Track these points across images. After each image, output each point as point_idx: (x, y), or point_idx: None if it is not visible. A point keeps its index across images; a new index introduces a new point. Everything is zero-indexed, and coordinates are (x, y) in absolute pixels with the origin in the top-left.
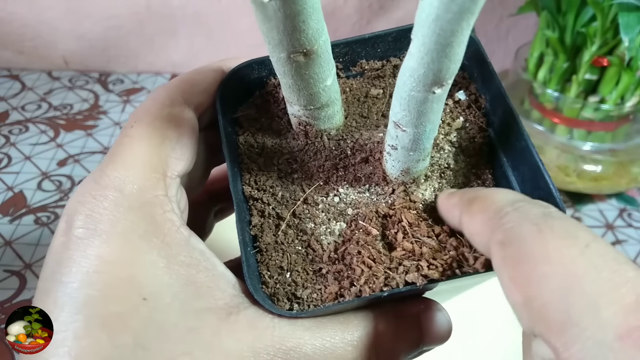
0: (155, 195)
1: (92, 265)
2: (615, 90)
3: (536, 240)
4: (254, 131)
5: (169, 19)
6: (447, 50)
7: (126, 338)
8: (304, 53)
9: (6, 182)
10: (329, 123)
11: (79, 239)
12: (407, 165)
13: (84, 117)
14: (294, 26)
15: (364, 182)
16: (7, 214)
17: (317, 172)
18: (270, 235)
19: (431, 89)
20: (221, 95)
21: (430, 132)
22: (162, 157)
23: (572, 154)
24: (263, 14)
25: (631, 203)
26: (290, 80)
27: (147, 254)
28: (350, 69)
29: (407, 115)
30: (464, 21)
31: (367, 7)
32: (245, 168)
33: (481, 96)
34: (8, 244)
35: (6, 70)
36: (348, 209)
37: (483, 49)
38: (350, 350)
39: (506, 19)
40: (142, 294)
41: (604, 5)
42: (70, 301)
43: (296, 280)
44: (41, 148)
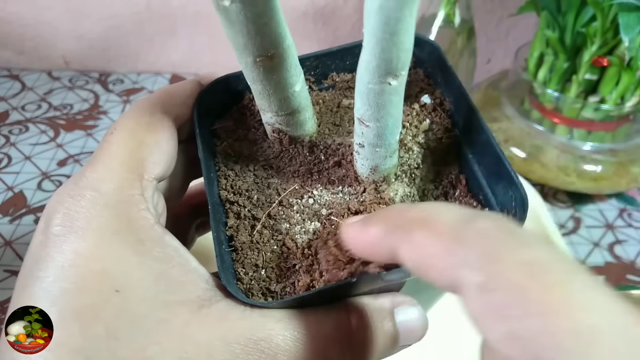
0: (130, 194)
1: (67, 259)
2: (615, 90)
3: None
4: (231, 142)
5: (169, 19)
6: (394, 39)
7: (98, 329)
8: (269, 57)
9: (6, 182)
10: (302, 130)
11: (56, 236)
12: (375, 162)
13: (84, 117)
14: (257, 29)
15: (337, 184)
16: (7, 214)
17: (293, 177)
18: (245, 235)
19: (386, 80)
20: (199, 107)
21: (392, 126)
22: (139, 159)
23: (572, 154)
24: (227, 19)
25: (631, 203)
26: (260, 86)
27: (121, 248)
28: (322, 82)
29: (368, 110)
30: (406, 8)
31: None
32: (222, 175)
33: (445, 99)
34: (8, 244)
35: (6, 70)
36: (322, 209)
37: (444, 55)
38: (322, 343)
39: (506, 19)
40: (115, 286)
41: (604, 5)
42: (45, 295)
43: (270, 276)
44: (41, 148)
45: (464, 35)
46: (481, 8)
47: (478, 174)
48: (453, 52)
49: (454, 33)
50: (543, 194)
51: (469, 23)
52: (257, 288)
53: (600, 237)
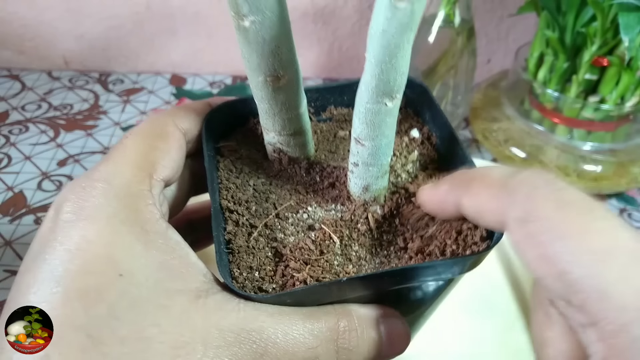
0: (140, 189)
1: (74, 243)
2: (615, 90)
3: (559, 217)
4: (234, 159)
5: (169, 19)
6: (393, 62)
7: (100, 309)
8: (278, 78)
9: (6, 182)
10: (301, 152)
11: (65, 222)
12: (367, 181)
13: (84, 117)
14: (270, 51)
15: (330, 202)
16: (7, 214)
17: (289, 194)
18: (242, 240)
19: (383, 100)
20: (207, 125)
21: (385, 147)
22: (150, 161)
23: (572, 154)
24: (245, 38)
25: (631, 203)
26: (267, 105)
27: (127, 236)
28: (321, 114)
29: (365, 129)
30: (405, 35)
31: (367, 8)
32: (224, 187)
33: (432, 134)
34: (8, 244)
35: (6, 70)
36: (315, 224)
37: (432, 94)
38: (310, 339)
39: (506, 19)
40: (119, 270)
41: (604, 5)
42: (51, 275)
43: (264, 277)
44: (41, 148)
45: (464, 35)
46: (481, 8)
47: None
48: (453, 52)
49: (454, 33)
50: None
51: (469, 23)
52: (250, 287)
53: None
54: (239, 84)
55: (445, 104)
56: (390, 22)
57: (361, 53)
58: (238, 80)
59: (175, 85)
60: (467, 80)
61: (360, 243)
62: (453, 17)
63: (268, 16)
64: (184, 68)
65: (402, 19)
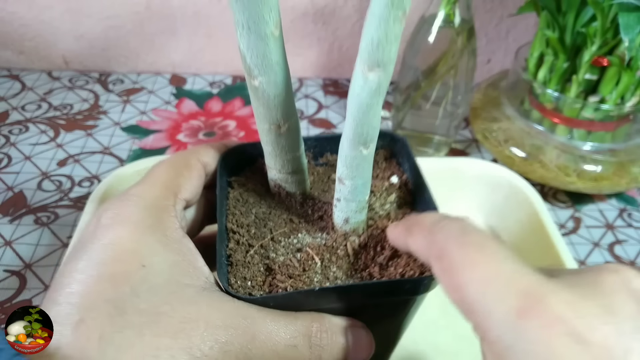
0: (165, 204)
1: (109, 240)
2: (615, 90)
3: (459, 254)
4: (242, 191)
5: (169, 19)
6: (366, 119)
7: (126, 288)
8: (280, 126)
9: (6, 182)
10: (297, 188)
11: (103, 226)
12: (348, 214)
13: (84, 117)
14: (274, 104)
15: (317, 231)
16: (7, 213)
17: (284, 222)
18: (241, 255)
19: (359, 149)
20: (222, 161)
21: (362, 186)
22: (176, 183)
23: (572, 154)
24: (255, 94)
25: (631, 203)
26: (270, 148)
27: (150, 238)
28: (318, 159)
29: (345, 171)
30: (375, 98)
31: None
32: (231, 213)
33: (409, 181)
34: (8, 244)
35: (6, 70)
36: (303, 248)
37: (410, 148)
38: (290, 331)
39: (506, 19)
40: (142, 262)
41: (604, 5)
42: (88, 262)
43: (255, 287)
44: (41, 148)
45: (464, 35)
46: (481, 8)
47: None
48: (453, 52)
49: (454, 33)
50: (543, 194)
51: (469, 23)
52: (242, 292)
53: (600, 237)
54: (238, 84)
55: (446, 103)
56: (363, 88)
57: None
58: (238, 80)
59: (175, 85)
60: (467, 80)
61: (338, 265)
62: (453, 17)
63: (273, 78)
64: (184, 68)
65: (371, 86)
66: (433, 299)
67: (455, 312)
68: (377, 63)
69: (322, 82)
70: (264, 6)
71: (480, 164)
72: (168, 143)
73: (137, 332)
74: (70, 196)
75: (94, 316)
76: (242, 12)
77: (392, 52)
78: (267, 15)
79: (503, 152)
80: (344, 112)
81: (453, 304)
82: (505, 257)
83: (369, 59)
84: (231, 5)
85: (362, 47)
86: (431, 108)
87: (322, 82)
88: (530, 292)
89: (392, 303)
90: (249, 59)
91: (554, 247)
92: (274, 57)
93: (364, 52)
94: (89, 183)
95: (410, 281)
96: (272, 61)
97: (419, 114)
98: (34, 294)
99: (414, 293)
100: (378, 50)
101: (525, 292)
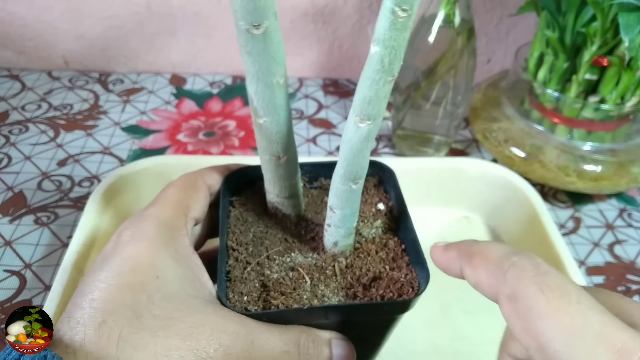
0: (177, 223)
1: (128, 254)
2: (615, 90)
3: (539, 298)
4: (242, 210)
5: (169, 19)
6: (356, 160)
7: (143, 296)
8: (279, 157)
9: (6, 182)
10: (292, 210)
11: (123, 242)
12: (337, 239)
13: (84, 117)
14: (276, 140)
15: (309, 251)
16: (7, 213)
17: (279, 241)
18: (239, 272)
19: (349, 184)
20: (225, 183)
21: (350, 215)
22: (186, 204)
23: (572, 154)
24: (259, 130)
25: (631, 203)
26: (270, 175)
27: (164, 253)
28: (313, 183)
29: (336, 201)
30: (364, 143)
31: (367, 7)
32: (231, 231)
33: (394, 208)
34: (8, 244)
35: (6, 70)
36: (295, 266)
37: (396, 178)
38: (278, 344)
39: (506, 19)
40: (156, 274)
41: (604, 5)
42: (110, 273)
43: (250, 302)
44: (41, 148)
45: (464, 35)
46: (481, 8)
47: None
48: (453, 52)
49: (454, 33)
50: (543, 194)
51: (469, 23)
52: (239, 307)
53: (600, 237)
54: (238, 84)
55: (445, 103)
56: (354, 134)
57: (361, 53)
58: (238, 80)
59: (175, 85)
60: (467, 80)
61: (325, 284)
62: (453, 17)
63: (276, 118)
64: (184, 68)
65: (362, 134)
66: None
67: (454, 313)
68: (367, 117)
69: (322, 82)
70: (272, 61)
71: (480, 164)
72: (168, 143)
73: (152, 333)
74: (70, 196)
75: (115, 319)
76: (252, 65)
77: (381, 108)
78: (274, 68)
79: (503, 152)
80: (344, 112)
81: (525, 348)
82: (591, 307)
83: (361, 112)
84: (243, 57)
85: (355, 102)
86: (431, 108)
87: (322, 82)
88: (626, 349)
89: (373, 321)
90: (256, 102)
91: (553, 247)
92: (277, 101)
93: (357, 106)
94: (89, 183)
95: (389, 304)
96: (276, 104)
97: (419, 113)
98: (34, 294)
99: (392, 314)
100: (369, 106)
101: (620, 349)
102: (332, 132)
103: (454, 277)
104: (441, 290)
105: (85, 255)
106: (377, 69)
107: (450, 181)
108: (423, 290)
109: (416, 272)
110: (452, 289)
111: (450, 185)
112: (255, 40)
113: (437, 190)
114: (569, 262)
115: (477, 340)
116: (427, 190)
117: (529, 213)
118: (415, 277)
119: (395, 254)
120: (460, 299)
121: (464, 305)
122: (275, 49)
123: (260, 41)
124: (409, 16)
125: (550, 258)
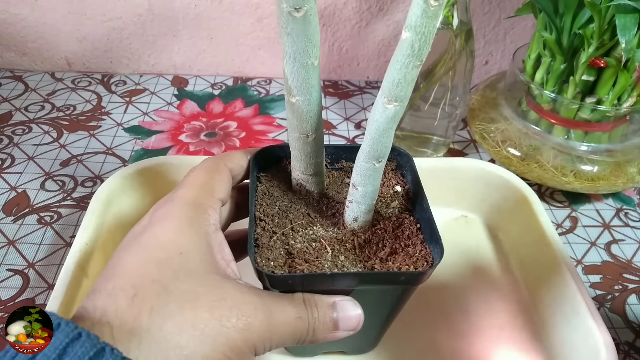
0: (203, 203)
1: (156, 232)
2: (612, 92)
3: None
4: (268, 186)
5: (171, 21)
6: (381, 139)
7: (168, 271)
8: (308, 135)
9: (9, 182)
10: (316, 187)
11: (153, 221)
12: (357, 214)
13: (86, 118)
14: (306, 118)
15: (330, 226)
16: (11, 213)
17: (302, 215)
18: (266, 240)
19: (372, 162)
20: (254, 160)
21: (372, 192)
22: (211, 185)
23: (569, 154)
24: (291, 109)
25: (628, 203)
26: (297, 152)
27: (188, 230)
28: (335, 164)
29: (359, 178)
30: (390, 124)
31: (366, 10)
32: (258, 204)
33: (410, 191)
34: (11, 243)
35: (9, 71)
36: (317, 238)
37: (414, 162)
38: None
39: (504, 21)
40: (180, 250)
41: (601, 7)
42: (138, 249)
43: (276, 267)
44: (44, 148)
45: (462, 37)
46: (479, 10)
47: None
48: (451, 54)
49: (453, 35)
50: (540, 194)
51: (467, 25)
52: (267, 270)
53: (597, 237)
54: (239, 85)
55: (444, 104)
56: (382, 115)
57: (361, 54)
58: (239, 81)
59: (177, 87)
60: (465, 82)
61: (345, 256)
62: (451, 19)
63: (308, 98)
64: (186, 69)
65: (388, 115)
66: (432, 300)
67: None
68: (395, 98)
69: (322, 84)
70: (309, 43)
71: (478, 164)
72: (170, 143)
73: (179, 306)
74: (73, 196)
75: (145, 292)
76: (291, 46)
77: (408, 91)
78: (310, 50)
79: (501, 153)
80: (344, 113)
81: None
82: None
83: (390, 94)
84: (282, 37)
85: (384, 84)
86: (430, 109)
87: (322, 84)
88: None
89: (387, 290)
90: (291, 81)
91: (551, 247)
92: (311, 81)
93: (385, 88)
94: (92, 183)
95: (406, 274)
96: (309, 84)
97: (417, 114)
98: (37, 293)
99: (407, 283)
100: (397, 88)
101: None
102: (332, 133)
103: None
104: (441, 290)
105: (89, 254)
106: (407, 53)
107: (448, 181)
108: (437, 264)
109: (430, 248)
110: (452, 288)
111: (449, 185)
112: (296, 22)
113: (436, 190)
114: (567, 262)
115: (475, 339)
116: (425, 190)
117: (527, 212)
118: (429, 252)
119: (410, 232)
120: (460, 298)
121: (464, 304)
122: (313, 32)
123: (300, 23)
124: (440, 5)
125: (547, 257)
